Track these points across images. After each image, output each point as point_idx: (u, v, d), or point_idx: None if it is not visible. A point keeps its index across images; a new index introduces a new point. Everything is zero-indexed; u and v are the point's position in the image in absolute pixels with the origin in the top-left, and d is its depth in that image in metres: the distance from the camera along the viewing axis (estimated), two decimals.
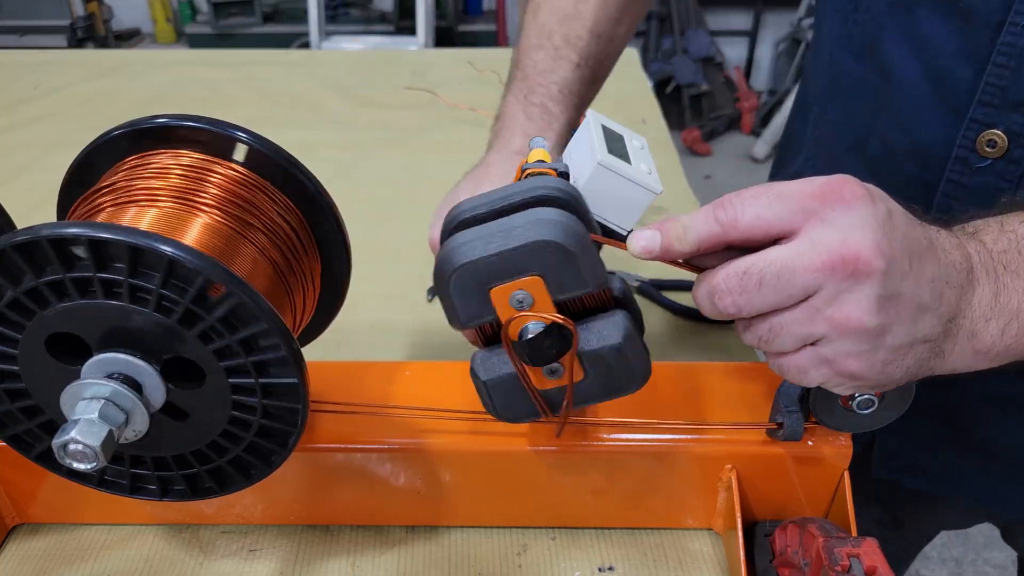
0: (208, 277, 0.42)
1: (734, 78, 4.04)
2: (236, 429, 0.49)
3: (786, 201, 0.43)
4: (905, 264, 0.43)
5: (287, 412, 0.48)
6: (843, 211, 0.42)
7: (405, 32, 3.70)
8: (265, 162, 0.53)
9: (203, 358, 0.46)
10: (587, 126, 0.52)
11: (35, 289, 0.44)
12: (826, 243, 0.42)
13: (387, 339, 0.85)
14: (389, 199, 1.13)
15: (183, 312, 0.44)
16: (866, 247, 0.41)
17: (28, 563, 0.61)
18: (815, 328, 0.44)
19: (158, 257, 0.42)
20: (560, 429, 0.56)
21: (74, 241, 0.42)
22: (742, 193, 0.44)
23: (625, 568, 0.60)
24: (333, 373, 0.62)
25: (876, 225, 0.42)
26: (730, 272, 0.44)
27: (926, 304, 0.44)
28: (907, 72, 0.62)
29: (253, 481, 0.51)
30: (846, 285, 0.42)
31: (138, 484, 0.53)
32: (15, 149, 1.27)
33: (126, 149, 0.53)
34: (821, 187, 0.42)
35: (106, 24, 4.07)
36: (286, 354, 0.45)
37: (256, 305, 0.43)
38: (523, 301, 0.46)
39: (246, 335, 0.45)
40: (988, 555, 1.89)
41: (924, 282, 0.44)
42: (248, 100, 1.46)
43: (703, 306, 0.46)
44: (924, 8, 0.60)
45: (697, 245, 0.45)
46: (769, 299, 0.44)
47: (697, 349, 0.83)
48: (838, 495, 0.59)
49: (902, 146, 0.64)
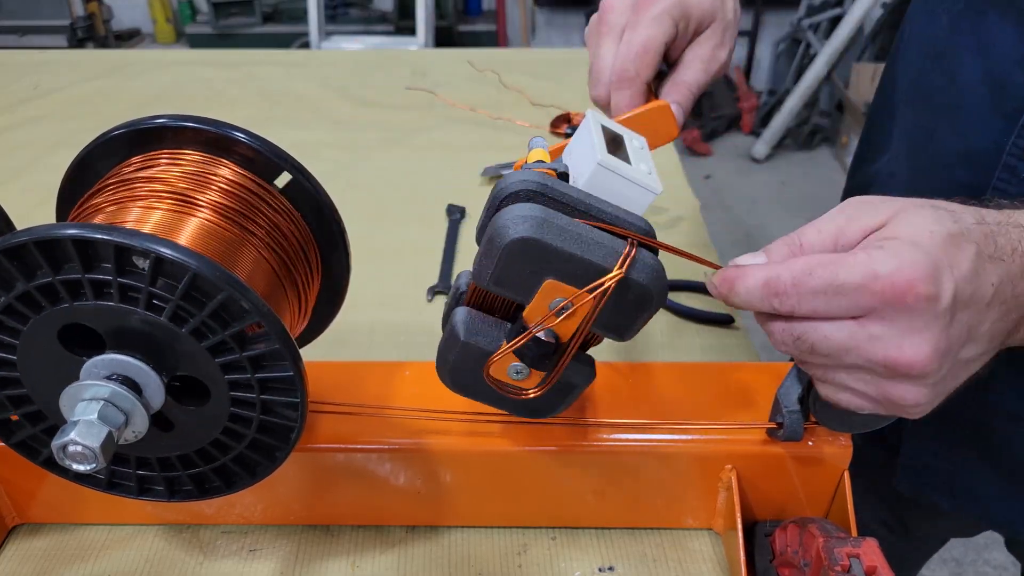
0: (196, 273, 0.42)
1: (734, 78, 4.03)
2: (237, 426, 0.49)
3: (847, 297, 0.42)
4: (964, 336, 0.43)
5: (286, 407, 0.48)
6: (904, 313, 0.41)
7: (405, 32, 3.70)
8: (264, 162, 0.53)
9: (198, 356, 0.46)
10: (587, 126, 0.52)
11: (27, 294, 0.44)
12: (883, 342, 0.42)
13: (387, 339, 0.85)
14: (389, 199, 1.13)
15: (174, 310, 0.44)
16: (923, 355, 0.41)
17: (28, 563, 0.61)
18: (865, 389, 0.45)
19: (145, 255, 0.42)
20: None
21: (62, 243, 0.42)
22: (801, 282, 0.43)
23: (625, 568, 0.60)
24: (333, 373, 0.62)
25: (936, 325, 0.41)
26: (786, 330, 0.45)
27: (983, 352, 0.44)
28: (969, 76, 0.62)
29: (259, 478, 0.52)
30: (899, 379, 0.43)
31: (146, 485, 0.53)
32: (15, 149, 1.27)
33: (126, 149, 0.53)
34: (884, 286, 0.41)
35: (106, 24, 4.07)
36: (281, 348, 0.45)
37: (246, 299, 0.43)
38: (563, 308, 0.46)
39: (239, 330, 0.45)
40: (988, 555, 1.89)
41: (982, 337, 0.44)
42: (248, 100, 1.46)
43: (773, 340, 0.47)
44: (995, 13, 0.60)
45: (746, 309, 0.46)
46: (820, 361, 0.45)
47: (697, 349, 0.83)
48: (838, 495, 0.59)
49: (956, 152, 0.64)
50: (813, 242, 0.45)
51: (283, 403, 0.48)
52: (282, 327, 0.45)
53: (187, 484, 0.52)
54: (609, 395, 0.61)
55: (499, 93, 1.47)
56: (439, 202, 1.09)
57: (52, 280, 0.43)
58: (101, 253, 0.43)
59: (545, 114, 1.36)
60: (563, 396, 0.52)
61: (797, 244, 0.46)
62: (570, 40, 4.19)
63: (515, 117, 1.35)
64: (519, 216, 0.44)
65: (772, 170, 3.67)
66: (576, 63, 1.60)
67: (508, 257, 0.44)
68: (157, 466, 0.52)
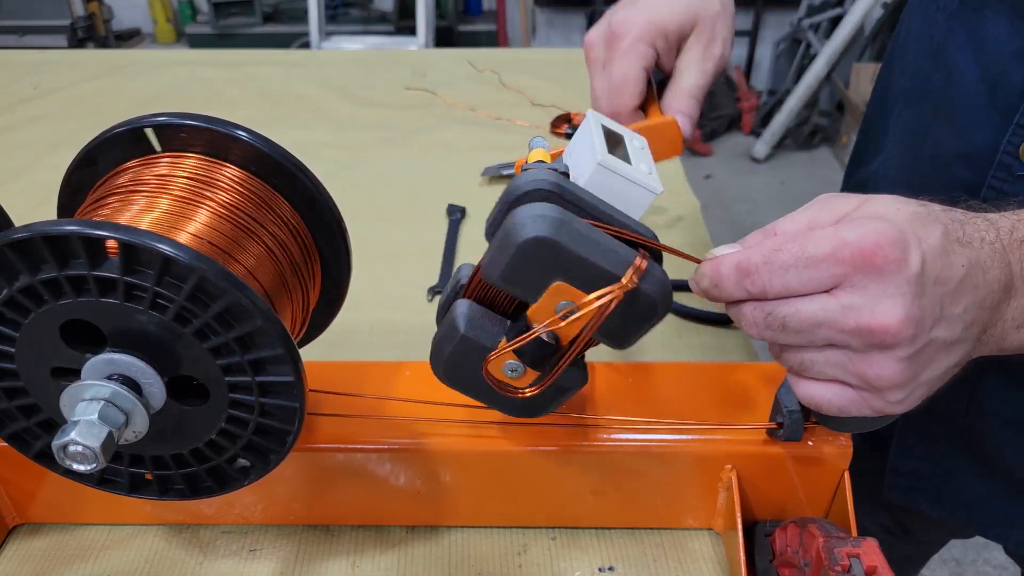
0: (202, 275, 0.42)
1: (734, 78, 4.03)
2: (234, 428, 0.49)
3: (816, 268, 0.42)
4: (937, 311, 0.42)
5: (285, 410, 0.48)
6: (874, 278, 0.41)
7: (405, 32, 3.70)
8: (265, 162, 0.53)
9: (200, 357, 0.46)
10: (587, 126, 0.52)
11: (31, 287, 0.44)
12: (855, 310, 0.42)
13: (387, 339, 0.85)
14: (389, 199, 1.13)
15: (178, 310, 0.44)
16: (895, 318, 0.41)
17: (28, 563, 0.61)
18: (841, 374, 0.44)
19: (152, 255, 0.42)
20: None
21: (69, 239, 0.42)
22: (771, 259, 0.43)
23: (625, 568, 0.60)
24: (333, 373, 0.62)
25: (907, 291, 0.41)
26: (757, 307, 0.45)
27: (957, 338, 0.44)
28: (967, 74, 0.62)
29: (252, 480, 0.51)
30: (875, 349, 0.42)
31: (137, 483, 0.53)
32: (15, 149, 1.27)
33: (126, 149, 0.53)
34: (852, 252, 0.41)
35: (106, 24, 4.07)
36: (283, 352, 0.45)
37: (251, 303, 0.43)
38: (570, 312, 0.45)
39: (242, 333, 0.45)
40: (988, 555, 1.89)
41: (956, 319, 0.43)
42: (248, 100, 1.46)
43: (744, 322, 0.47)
44: (991, 9, 0.59)
45: (725, 300, 0.46)
46: (792, 340, 0.45)
47: (697, 349, 0.83)
48: (838, 495, 0.59)
49: (953, 150, 0.63)
50: (787, 230, 0.46)
51: (281, 407, 0.48)
52: (285, 331, 0.45)
53: (179, 483, 0.52)
54: (609, 395, 0.61)
55: (499, 93, 1.47)
56: (439, 202, 1.09)
57: (57, 275, 0.43)
58: (107, 251, 0.43)
59: (545, 114, 1.36)
60: (556, 397, 0.52)
61: (772, 233, 0.46)
62: (570, 40, 4.19)
63: (515, 117, 1.35)
64: (537, 215, 0.44)
65: (772, 170, 3.67)
66: (576, 63, 1.58)
67: (522, 254, 0.44)
68: (150, 464, 0.52)
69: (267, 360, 0.46)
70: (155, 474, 0.52)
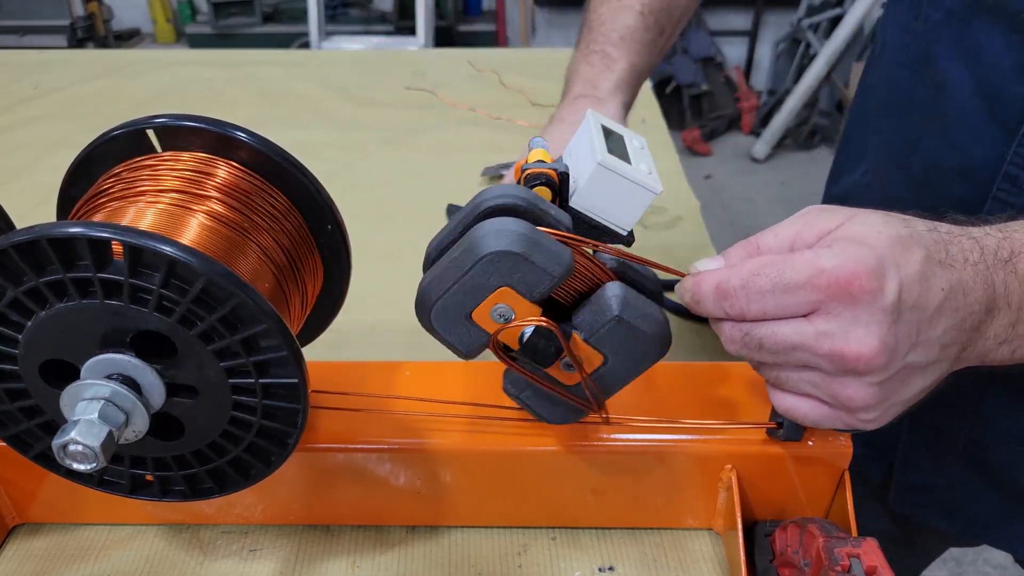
0: (209, 278, 0.42)
1: (734, 78, 4.04)
2: (236, 429, 0.49)
3: (793, 295, 0.42)
4: (913, 337, 0.42)
5: (287, 412, 0.48)
6: (849, 307, 0.41)
7: (405, 32, 3.70)
8: (265, 162, 0.53)
9: (203, 358, 0.46)
10: (587, 126, 0.52)
11: (35, 289, 0.44)
12: (829, 337, 0.42)
13: (387, 339, 0.85)
14: (389, 199, 1.13)
15: (184, 313, 0.44)
16: (868, 347, 0.41)
17: (28, 563, 0.61)
18: (816, 391, 0.45)
19: (158, 257, 0.42)
20: (605, 418, 0.56)
21: (75, 241, 0.42)
22: (749, 284, 0.43)
23: (625, 568, 0.60)
24: (333, 373, 0.62)
25: (882, 319, 0.41)
26: (735, 326, 0.45)
27: (934, 359, 0.44)
28: (959, 87, 0.61)
29: (253, 482, 0.51)
30: (848, 375, 0.43)
31: (138, 484, 0.53)
32: (15, 149, 1.27)
33: (127, 149, 0.53)
34: (829, 280, 0.41)
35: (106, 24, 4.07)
36: (287, 354, 0.45)
37: (257, 305, 0.43)
38: (504, 314, 0.46)
39: (247, 335, 0.45)
40: (988, 555, 1.89)
41: (933, 342, 0.43)
42: (248, 100, 1.46)
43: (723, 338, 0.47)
44: (982, 21, 0.58)
45: (706, 316, 0.47)
46: (769, 360, 0.45)
47: (697, 349, 0.83)
48: (838, 495, 0.59)
49: (949, 164, 0.63)
50: (770, 245, 0.46)
51: (284, 409, 0.48)
52: (289, 334, 0.45)
53: (180, 484, 0.52)
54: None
55: (499, 93, 1.47)
56: (439, 202, 1.09)
57: (63, 277, 0.43)
58: (113, 253, 0.43)
59: (545, 114, 1.35)
60: (623, 328, 0.48)
61: (755, 247, 0.46)
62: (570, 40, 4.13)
63: (515, 117, 1.35)
64: (418, 302, 0.47)
65: (772, 170, 3.67)
66: None
67: (445, 333, 0.48)
68: (152, 466, 0.52)
69: (271, 362, 0.46)
70: (156, 475, 0.52)
